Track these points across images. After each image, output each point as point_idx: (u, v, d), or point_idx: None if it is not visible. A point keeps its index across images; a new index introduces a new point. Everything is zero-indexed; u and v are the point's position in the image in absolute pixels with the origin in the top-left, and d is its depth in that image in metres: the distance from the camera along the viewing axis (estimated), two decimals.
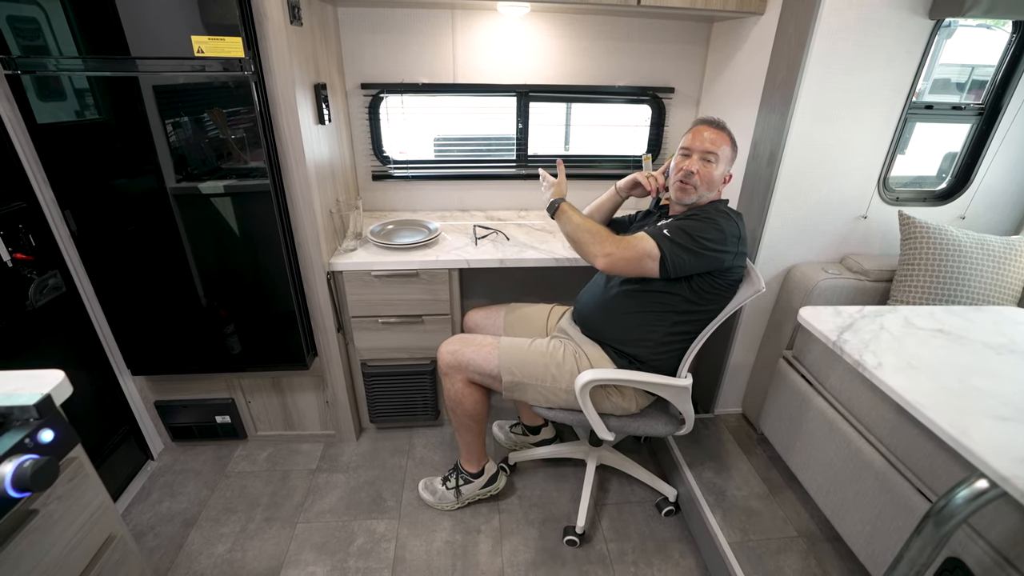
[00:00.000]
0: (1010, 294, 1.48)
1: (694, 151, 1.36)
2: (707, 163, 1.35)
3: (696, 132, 1.38)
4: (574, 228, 1.40)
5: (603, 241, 1.34)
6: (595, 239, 1.35)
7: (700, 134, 1.37)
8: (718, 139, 1.35)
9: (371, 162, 2.08)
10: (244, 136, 1.40)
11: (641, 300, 1.40)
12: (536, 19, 1.89)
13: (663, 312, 1.38)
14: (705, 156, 1.35)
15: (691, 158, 1.37)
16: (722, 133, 1.37)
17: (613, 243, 1.33)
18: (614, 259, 1.31)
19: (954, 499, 0.83)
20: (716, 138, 1.35)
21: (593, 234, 1.36)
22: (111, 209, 1.45)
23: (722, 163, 1.36)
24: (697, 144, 1.36)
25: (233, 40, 1.27)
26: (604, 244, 1.33)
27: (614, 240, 1.33)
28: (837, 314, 1.10)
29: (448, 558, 1.55)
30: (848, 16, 1.37)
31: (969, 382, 0.88)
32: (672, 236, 1.30)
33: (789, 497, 1.64)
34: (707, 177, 1.35)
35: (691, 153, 1.37)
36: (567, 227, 1.42)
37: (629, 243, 1.32)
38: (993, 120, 1.60)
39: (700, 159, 1.35)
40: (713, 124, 1.38)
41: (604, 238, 1.34)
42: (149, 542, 1.57)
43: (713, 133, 1.36)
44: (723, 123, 1.39)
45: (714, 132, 1.36)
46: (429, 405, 1.97)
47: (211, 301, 1.59)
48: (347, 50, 1.88)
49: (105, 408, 1.68)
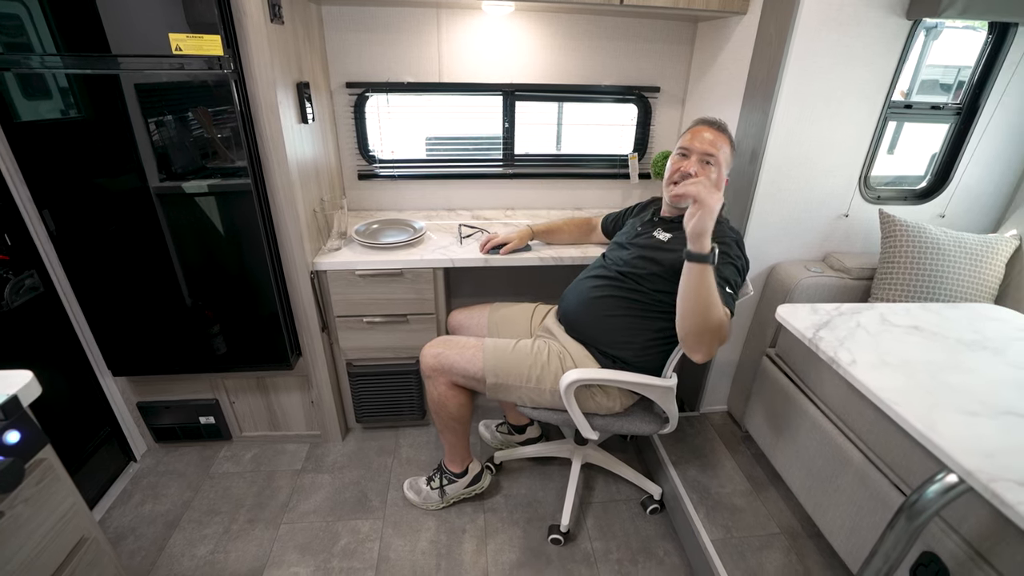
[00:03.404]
0: (986, 291, 1.50)
1: (693, 152, 1.32)
2: (706, 165, 1.31)
3: (695, 132, 1.34)
4: (714, 301, 1.13)
5: (725, 327, 1.14)
6: (721, 333, 1.14)
7: (700, 134, 1.32)
8: (718, 140, 1.31)
9: (357, 161, 2.07)
10: (230, 135, 1.39)
11: (628, 302, 1.39)
12: (521, 18, 1.89)
13: (650, 314, 1.37)
14: (704, 158, 1.30)
15: (689, 159, 1.33)
16: (722, 135, 1.33)
17: (725, 328, 1.15)
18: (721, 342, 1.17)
19: (926, 494, 0.85)
20: (716, 139, 1.31)
21: (722, 321, 1.14)
22: (92, 208, 1.43)
23: (721, 166, 1.32)
24: (697, 145, 1.31)
25: (212, 38, 1.26)
26: (725, 330, 1.15)
27: (724, 323, 1.15)
28: (814, 312, 1.10)
29: (432, 558, 1.54)
30: (827, 16, 1.38)
31: (941, 378, 0.89)
32: (728, 289, 1.22)
33: (772, 494, 1.66)
34: None
35: (689, 154, 1.33)
36: (705, 288, 1.12)
37: (726, 323, 1.16)
38: (971, 120, 1.62)
39: (699, 161, 1.31)
40: (713, 125, 1.34)
41: (724, 324, 1.14)
42: (130, 544, 1.55)
43: (713, 134, 1.32)
44: (724, 124, 1.35)
45: (714, 133, 1.32)
46: (415, 405, 1.96)
47: (195, 301, 1.58)
48: (331, 49, 1.87)
49: (85, 410, 1.66)
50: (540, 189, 2.21)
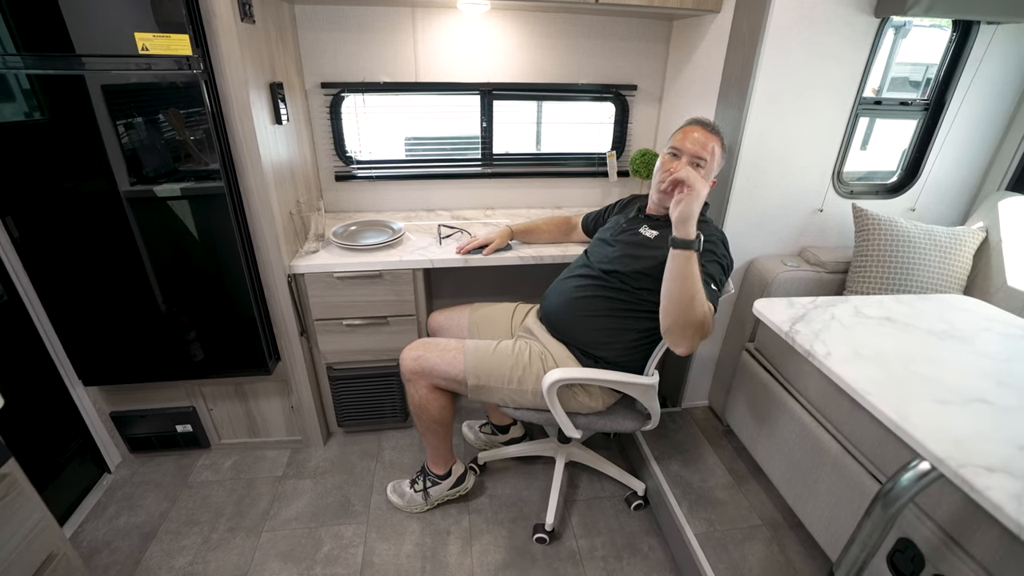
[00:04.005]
0: (955, 282, 1.54)
1: (683, 152, 1.31)
2: (695, 167, 1.30)
3: (686, 132, 1.34)
4: (698, 288, 1.14)
5: (708, 323, 1.15)
6: (704, 326, 1.14)
7: (690, 134, 1.32)
8: (709, 141, 1.30)
9: (334, 163, 2.05)
10: (203, 137, 1.36)
11: (612, 302, 1.38)
12: (497, 17, 1.89)
13: (634, 314, 1.37)
14: (695, 160, 1.30)
15: (679, 160, 1.32)
16: (714, 135, 1.32)
17: (708, 323, 1.16)
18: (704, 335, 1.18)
19: (900, 481, 0.86)
20: (707, 140, 1.30)
21: (705, 314, 1.14)
22: (58, 214, 1.38)
23: (711, 168, 1.32)
24: (688, 145, 1.31)
25: (180, 37, 1.23)
26: (708, 324, 1.15)
27: (708, 319, 1.16)
28: (790, 305, 1.12)
29: (418, 561, 1.53)
30: (798, 14, 1.40)
31: (912, 368, 0.91)
32: (713, 286, 1.23)
33: (754, 487, 1.68)
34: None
35: (680, 154, 1.32)
36: (690, 276, 1.13)
37: (709, 319, 1.17)
38: (938, 116, 1.66)
39: (689, 163, 1.30)
40: (705, 125, 1.33)
41: (707, 319, 1.15)
42: (104, 559, 1.51)
43: (704, 135, 1.31)
44: (716, 125, 1.35)
45: (705, 134, 1.31)
46: (397, 407, 1.95)
47: (170, 307, 1.54)
48: (306, 49, 1.84)
49: (54, 421, 1.61)
50: (519, 188, 2.21)
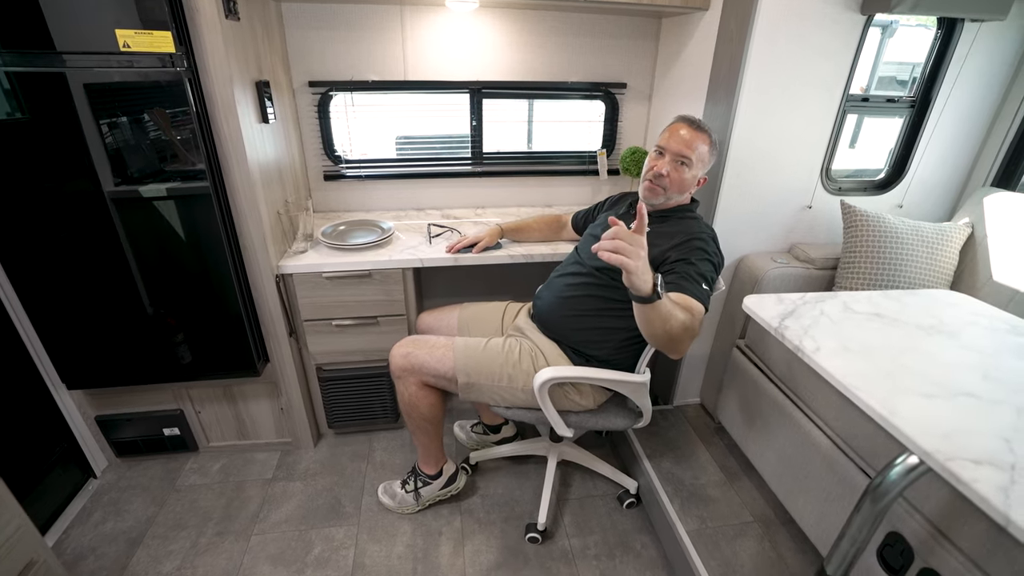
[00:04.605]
0: (942, 278, 1.55)
1: (668, 151, 1.32)
2: (680, 165, 1.30)
3: (672, 130, 1.33)
4: (672, 319, 1.11)
5: (695, 326, 1.15)
6: (689, 333, 1.14)
7: (676, 132, 1.32)
8: (694, 140, 1.30)
9: (322, 162, 2.03)
10: (190, 137, 1.34)
11: (604, 301, 1.38)
12: (486, 15, 1.88)
13: (626, 313, 1.32)
14: (678, 158, 1.30)
15: (664, 158, 1.32)
16: (700, 133, 1.31)
17: (696, 325, 1.15)
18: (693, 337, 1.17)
19: (889, 476, 0.86)
20: (692, 139, 1.30)
21: (686, 326, 1.13)
22: (40, 215, 1.36)
23: (696, 166, 1.32)
24: (673, 144, 1.31)
25: (162, 34, 1.21)
26: (695, 328, 1.15)
27: (694, 322, 1.15)
28: (780, 302, 1.12)
29: (409, 562, 1.52)
30: (786, 11, 1.41)
31: (900, 363, 0.91)
32: (704, 285, 1.23)
33: (745, 484, 1.68)
34: (678, 180, 1.32)
35: (665, 153, 1.33)
36: (658, 318, 1.10)
37: (697, 320, 1.16)
38: (924, 113, 1.67)
39: (672, 161, 1.31)
40: (691, 123, 1.33)
41: (694, 323, 1.14)
42: (89, 565, 1.48)
43: (690, 133, 1.31)
44: (703, 123, 1.34)
45: (691, 132, 1.31)
46: (388, 408, 1.93)
47: (156, 308, 1.52)
48: (293, 47, 1.83)
49: (37, 426, 1.59)
50: (509, 187, 2.21)
